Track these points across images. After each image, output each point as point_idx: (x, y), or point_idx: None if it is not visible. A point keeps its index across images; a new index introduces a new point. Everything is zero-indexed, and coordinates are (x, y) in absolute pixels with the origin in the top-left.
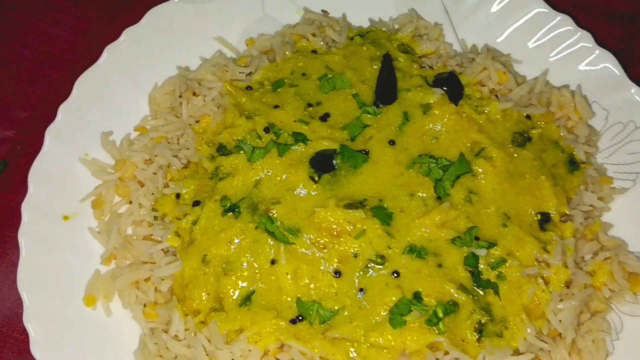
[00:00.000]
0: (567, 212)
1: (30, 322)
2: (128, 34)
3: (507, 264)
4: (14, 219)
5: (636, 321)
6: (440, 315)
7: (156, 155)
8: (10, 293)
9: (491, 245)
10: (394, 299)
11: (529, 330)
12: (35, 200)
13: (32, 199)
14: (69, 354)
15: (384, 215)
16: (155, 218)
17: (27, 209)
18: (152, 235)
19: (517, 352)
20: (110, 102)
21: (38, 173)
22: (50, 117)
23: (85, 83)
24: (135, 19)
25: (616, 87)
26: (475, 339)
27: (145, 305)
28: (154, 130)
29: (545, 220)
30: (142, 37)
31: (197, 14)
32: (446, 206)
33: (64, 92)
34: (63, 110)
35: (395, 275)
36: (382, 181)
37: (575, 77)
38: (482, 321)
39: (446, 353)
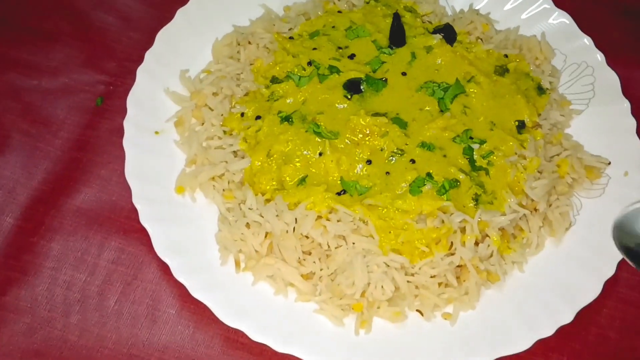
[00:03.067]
0: (537, 122)
1: (138, 202)
2: (194, 1)
3: (494, 154)
4: (112, 138)
5: (591, 202)
6: (447, 187)
7: (222, 88)
8: (114, 190)
9: (482, 142)
10: (411, 177)
11: (512, 200)
12: (133, 119)
13: (130, 117)
14: (166, 223)
15: (401, 122)
16: (225, 132)
17: (128, 124)
18: (222, 145)
19: (503, 215)
20: (183, 51)
21: (133, 99)
22: (133, 65)
23: (164, 35)
24: None
25: (571, 37)
26: (473, 205)
27: (223, 190)
28: (218, 71)
29: (521, 126)
30: (205, 3)
31: None
32: (447, 115)
33: (142, 47)
34: (148, 55)
35: (412, 162)
36: (397, 100)
37: (540, 30)
38: (478, 193)
39: (451, 214)
